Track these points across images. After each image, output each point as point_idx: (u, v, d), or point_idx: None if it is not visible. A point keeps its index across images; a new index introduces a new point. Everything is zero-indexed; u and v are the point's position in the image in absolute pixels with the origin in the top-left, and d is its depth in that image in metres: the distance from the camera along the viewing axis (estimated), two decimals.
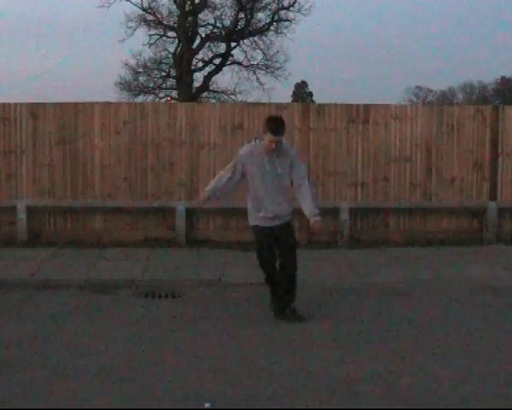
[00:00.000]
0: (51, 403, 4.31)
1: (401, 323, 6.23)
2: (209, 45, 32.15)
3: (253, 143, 6.28)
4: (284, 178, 6.22)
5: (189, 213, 9.93)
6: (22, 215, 9.76)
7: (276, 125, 6.02)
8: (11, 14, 65.17)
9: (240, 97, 31.97)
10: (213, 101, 32.04)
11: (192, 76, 31.52)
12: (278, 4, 30.94)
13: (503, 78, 55.61)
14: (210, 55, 32.37)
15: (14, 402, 4.32)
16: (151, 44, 31.71)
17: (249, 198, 6.32)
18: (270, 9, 31.20)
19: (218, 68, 32.25)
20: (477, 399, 4.42)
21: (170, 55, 32.38)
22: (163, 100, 32.06)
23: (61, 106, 9.99)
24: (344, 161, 10.20)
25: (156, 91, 33.54)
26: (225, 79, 59.66)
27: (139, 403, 4.33)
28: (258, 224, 6.29)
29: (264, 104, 10.99)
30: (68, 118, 9.94)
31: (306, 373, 4.86)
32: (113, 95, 33.44)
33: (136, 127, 10.04)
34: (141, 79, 32.95)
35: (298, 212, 10.08)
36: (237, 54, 32.48)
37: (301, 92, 59.57)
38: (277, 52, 31.53)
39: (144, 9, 30.72)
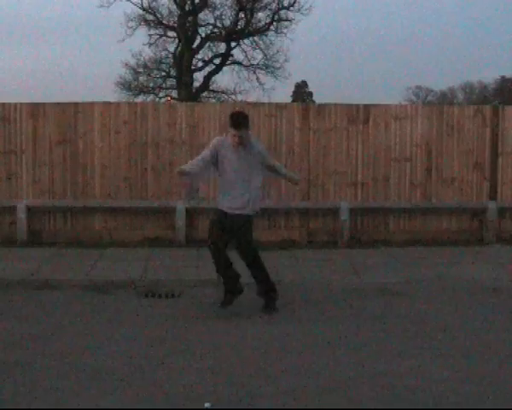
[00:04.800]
0: (51, 403, 4.31)
1: (401, 323, 6.23)
2: (209, 45, 32.15)
3: (224, 135, 6.59)
4: (248, 172, 6.39)
5: (189, 212, 9.93)
6: (22, 215, 9.76)
7: (236, 120, 6.30)
8: (11, 14, 65.15)
9: (240, 97, 31.99)
10: (213, 101, 32.02)
11: (192, 76, 31.49)
12: (278, 4, 30.92)
13: (503, 78, 55.57)
14: (210, 55, 32.38)
15: (14, 402, 4.32)
16: (151, 44, 31.71)
17: (219, 185, 6.64)
18: (270, 9, 31.18)
19: (218, 68, 32.23)
20: (477, 399, 4.42)
21: (170, 55, 32.37)
22: (163, 100, 32.03)
23: (61, 106, 9.99)
24: (344, 161, 10.21)
25: (156, 91, 33.51)
26: (225, 78, 59.64)
27: (139, 403, 4.33)
28: (218, 207, 6.56)
29: (264, 104, 11.00)
30: (68, 118, 9.95)
31: (306, 373, 4.86)
32: (113, 95, 33.42)
33: (136, 127, 10.04)
34: (141, 79, 32.95)
35: (300, 212, 10.15)
36: (237, 54, 32.49)
37: (301, 92, 59.50)
38: (277, 52, 31.52)
39: (144, 9, 30.71)
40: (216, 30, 31.65)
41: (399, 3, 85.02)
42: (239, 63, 32.37)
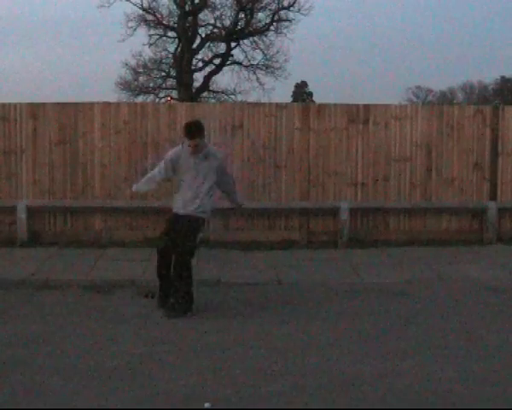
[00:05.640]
0: (51, 403, 4.31)
1: (401, 323, 6.24)
2: (209, 45, 32.18)
3: (180, 146, 6.75)
4: (205, 180, 6.56)
5: None
6: (22, 215, 9.76)
7: (189, 130, 6.51)
8: (11, 14, 65.17)
9: (240, 97, 32.02)
10: (213, 101, 32.04)
11: (192, 76, 31.51)
12: (278, 4, 30.95)
13: (503, 78, 55.55)
14: (210, 55, 32.42)
15: (14, 402, 4.32)
16: (151, 44, 31.75)
17: (177, 192, 6.76)
18: (270, 9, 31.22)
19: (218, 68, 32.25)
20: (477, 399, 4.42)
21: (170, 55, 32.40)
22: (163, 100, 32.06)
23: (61, 106, 9.99)
24: (344, 161, 10.21)
25: (156, 91, 33.55)
26: (225, 79, 59.66)
27: (139, 403, 4.33)
28: (175, 212, 6.70)
29: (264, 104, 11.00)
30: (68, 118, 9.95)
31: (306, 373, 4.86)
32: (113, 95, 33.47)
33: (136, 127, 10.04)
34: (141, 79, 32.99)
35: (299, 212, 10.15)
36: (237, 54, 32.53)
37: (301, 92, 59.54)
38: (277, 52, 31.58)
39: (144, 9, 30.72)
40: (216, 30, 31.67)
41: (399, 3, 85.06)
42: (239, 63, 32.40)
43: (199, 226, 6.63)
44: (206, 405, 4.23)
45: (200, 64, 32.58)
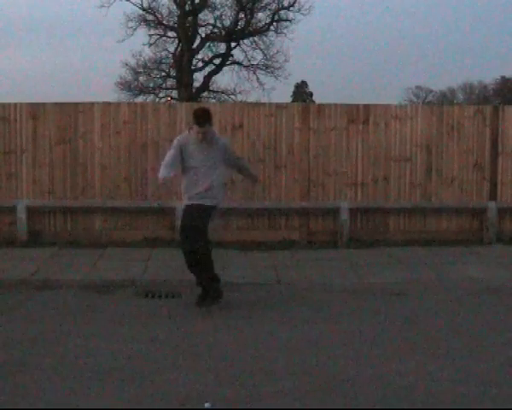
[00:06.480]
0: (51, 403, 4.31)
1: (401, 323, 6.23)
2: (209, 45, 32.21)
3: (187, 132, 6.78)
4: (213, 166, 6.58)
5: None
6: (22, 215, 9.76)
7: (199, 117, 6.49)
8: (11, 13, 65.14)
9: (240, 97, 32.04)
10: (213, 101, 32.04)
11: (192, 76, 31.53)
12: (278, 4, 30.98)
13: (503, 78, 55.52)
14: (210, 55, 32.45)
15: (13, 403, 4.32)
16: (151, 44, 31.78)
17: (183, 181, 6.72)
18: (270, 9, 31.26)
19: (218, 68, 32.28)
20: (477, 399, 4.42)
21: (170, 55, 32.41)
22: (163, 100, 32.07)
23: (61, 106, 9.99)
24: (344, 161, 10.21)
25: (156, 91, 33.57)
26: (225, 79, 59.67)
27: (139, 403, 4.33)
28: (186, 203, 6.65)
29: (264, 104, 11.00)
30: (68, 118, 9.95)
31: (306, 373, 4.86)
32: (113, 95, 33.49)
33: (136, 127, 10.04)
34: (141, 79, 33.01)
35: (297, 212, 10.16)
36: (237, 54, 32.56)
37: (301, 92, 59.50)
38: (277, 52, 31.60)
39: (144, 9, 30.75)
40: (216, 30, 31.70)
41: (399, 3, 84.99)
42: (239, 63, 32.42)
43: (208, 214, 6.63)
44: (206, 405, 4.23)
45: (200, 64, 32.63)
